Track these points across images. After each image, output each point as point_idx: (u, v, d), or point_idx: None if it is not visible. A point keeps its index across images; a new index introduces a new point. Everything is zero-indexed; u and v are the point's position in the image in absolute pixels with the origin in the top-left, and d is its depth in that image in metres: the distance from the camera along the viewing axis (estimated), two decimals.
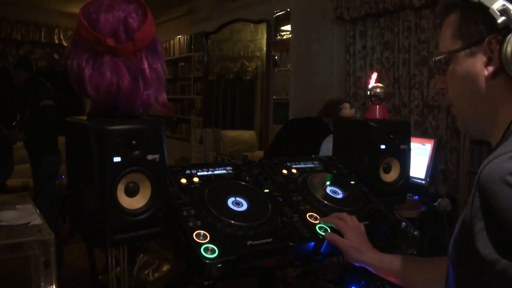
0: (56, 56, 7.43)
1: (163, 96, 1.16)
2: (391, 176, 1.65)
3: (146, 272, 2.22)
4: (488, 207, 0.73)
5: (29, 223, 1.10)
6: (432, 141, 3.38)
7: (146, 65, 1.11)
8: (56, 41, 7.38)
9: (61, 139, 4.37)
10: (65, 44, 7.04)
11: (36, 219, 1.13)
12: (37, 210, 1.22)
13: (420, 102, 3.76)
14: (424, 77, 3.75)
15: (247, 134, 7.30)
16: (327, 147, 2.71)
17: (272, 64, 4.53)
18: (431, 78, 3.66)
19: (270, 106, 4.54)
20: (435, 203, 1.72)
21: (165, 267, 2.45)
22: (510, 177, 0.70)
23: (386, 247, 1.44)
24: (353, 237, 1.26)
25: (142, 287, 1.63)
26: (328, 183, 1.49)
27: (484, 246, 0.72)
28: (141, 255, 1.90)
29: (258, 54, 6.89)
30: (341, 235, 1.27)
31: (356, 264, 1.25)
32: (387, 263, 1.21)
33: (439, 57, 0.94)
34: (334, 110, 2.96)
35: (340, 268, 1.59)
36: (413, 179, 3.25)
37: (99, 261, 2.91)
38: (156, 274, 2.40)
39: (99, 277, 2.92)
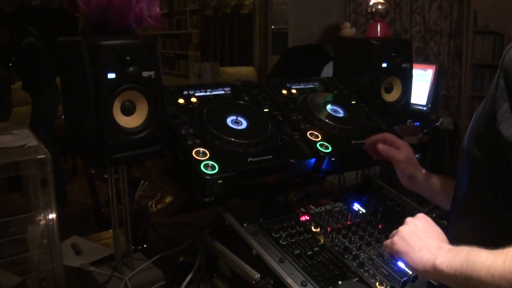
0: None
1: (156, 10, 1.11)
2: (392, 96, 1.63)
3: (149, 204, 2.26)
4: None
5: (25, 145, 1.09)
6: (434, 67, 3.33)
7: None
8: None
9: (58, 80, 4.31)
10: None
11: (32, 141, 1.11)
12: (33, 134, 1.21)
13: (422, 27, 3.66)
14: (425, 1, 3.62)
15: (246, 70, 7.20)
16: (327, 73, 2.66)
17: None
18: (433, 2, 3.55)
19: (269, 37, 4.44)
20: (437, 123, 1.70)
21: (168, 199, 2.49)
22: None
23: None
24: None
25: (144, 212, 1.64)
26: (329, 102, 1.46)
27: (508, 127, 0.71)
28: (142, 181, 1.91)
29: None
30: None
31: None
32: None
33: None
34: (333, 35, 2.88)
35: (341, 190, 1.60)
36: (414, 106, 3.23)
37: (101, 197, 2.95)
38: (159, 206, 2.44)
39: (102, 210, 2.97)
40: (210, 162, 1.08)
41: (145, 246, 1.49)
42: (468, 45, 3.26)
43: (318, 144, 1.28)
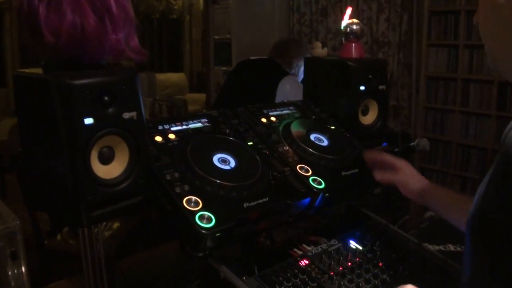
0: None
1: (135, 40, 0.97)
2: (368, 119, 1.57)
3: (96, 230, 2.06)
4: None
5: None
6: None
7: (112, 1, 0.90)
8: None
9: None
10: None
11: None
12: None
13: (369, 39, 3.68)
14: (373, 12, 3.64)
15: (177, 77, 7.10)
16: (283, 89, 2.59)
17: (210, 1, 4.25)
18: (381, 13, 3.57)
19: (211, 47, 4.31)
20: (412, 143, 1.66)
21: (115, 225, 2.33)
22: None
23: None
24: None
25: (110, 258, 1.48)
26: (310, 130, 1.38)
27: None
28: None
29: None
30: None
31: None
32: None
33: None
34: (285, 50, 2.82)
35: (318, 217, 1.52)
36: None
37: (41, 222, 2.69)
38: (106, 233, 2.27)
39: (45, 242, 2.71)
40: (206, 213, 0.95)
41: None
42: (422, 57, 3.30)
43: (310, 180, 1.18)
